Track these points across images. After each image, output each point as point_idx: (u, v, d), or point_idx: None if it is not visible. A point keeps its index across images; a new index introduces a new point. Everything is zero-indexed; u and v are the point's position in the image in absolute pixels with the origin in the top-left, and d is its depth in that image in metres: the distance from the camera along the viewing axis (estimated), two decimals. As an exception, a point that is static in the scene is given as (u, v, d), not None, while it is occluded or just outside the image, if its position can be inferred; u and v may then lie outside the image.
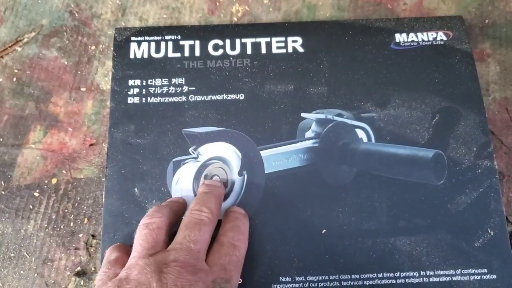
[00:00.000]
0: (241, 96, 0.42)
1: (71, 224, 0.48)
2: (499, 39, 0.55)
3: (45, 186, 0.50)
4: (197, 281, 0.29)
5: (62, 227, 0.48)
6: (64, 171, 0.50)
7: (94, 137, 0.51)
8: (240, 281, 0.35)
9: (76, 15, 0.56)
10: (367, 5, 0.56)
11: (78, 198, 0.49)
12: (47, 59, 0.55)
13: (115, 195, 0.39)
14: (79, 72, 0.54)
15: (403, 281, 0.37)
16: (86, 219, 0.48)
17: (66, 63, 0.54)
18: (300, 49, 0.44)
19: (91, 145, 0.51)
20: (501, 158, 0.50)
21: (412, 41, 0.44)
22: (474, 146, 0.41)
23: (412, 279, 0.38)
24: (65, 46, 0.55)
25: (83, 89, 0.53)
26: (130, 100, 0.42)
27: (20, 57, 0.55)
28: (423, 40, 0.44)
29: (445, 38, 0.44)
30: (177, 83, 0.43)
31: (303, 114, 0.42)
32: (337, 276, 0.38)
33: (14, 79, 0.54)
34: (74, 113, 0.52)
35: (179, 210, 0.37)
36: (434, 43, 0.44)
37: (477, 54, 0.54)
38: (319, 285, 0.37)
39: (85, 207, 0.49)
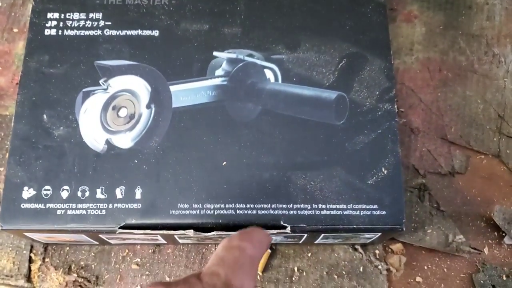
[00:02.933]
0: (156, 32, 0.43)
1: (-7, 158, 0.49)
2: (427, 2, 0.56)
3: (-30, 121, 0.50)
4: None
5: (-17, 161, 0.49)
6: (-10, 107, 0.51)
7: (22, 76, 0.51)
8: None
9: (13, -43, 0.57)
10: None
11: (2, 134, 0.50)
12: (-19, -1, 0.55)
13: (24, 120, 0.40)
14: (12, 14, 0.55)
15: (295, 212, 0.39)
16: (7, 154, 0.49)
17: (0, 4, 0.55)
18: (218, -9, 0.45)
19: (18, 83, 0.51)
20: (418, 115, 0.51)
21: (327, -11, 0.45)
22: (377, 90, 0.42)
23: (304, 211, 0.39)
24: (0, -13, 0.56)
25: (15, 30, 0.54)
26: (47, 32, 0.43)
27: (-46, -4, 0.55)
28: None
29: (360, -12, 0.45)
30: (94, 18, 0.43)
31: (215, 53, 0.43)
32: (233, 205, 0.39)
33: None
34: (5, 52, 0.53)
35: None
36: (350, -7, 0.45)
37: (405, 15, 0.55)
38: (215, 212, 0.39)
39: (8, 143, 0.50)
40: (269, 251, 0.46)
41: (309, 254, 0.47)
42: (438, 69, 0.53)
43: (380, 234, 0.41)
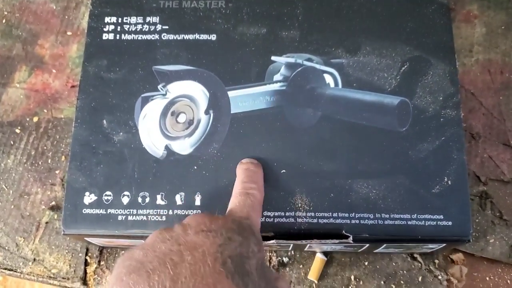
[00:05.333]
0: (213, 36, 0.43)
1: (49, 161, 0.50)
2: (487, 1, 0.54)
3: (27, 124, 0.51)
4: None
5: (40, 163, 0.50)
6: (45, 110, 0.52)
7: (76, 79, 0.52)
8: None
9: (67, -39, 0.57)
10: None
11: (57, 137, 0.51)
12: (36, 3, 0.56)
13: (84, 126, 0.40)
14: (66, 17, 0.55)
15: (357, 221, 0.38)
16: (63, 157, 0.50)
17: (54, 7, 0.56)
18: (276, -6, 0.44)
19: (72, 86, 0.52)
20: (478, 119, 0.50)
21: (389, -10, 0.44)
22: (441, 95, 0.40)
23: (366, 220, 0.38)
24: (54, -9, 0.56)
25: (69, 33, 0.55)
26: (105, 36, 0.43)
27: (10, 0, 0.56)
28: (400, -10, 0.44)
29: (422, -11, 0.44)
30: (151, 22, 0.43)
31: (273, 58, 0.42)
32: (293, 213, 0.38)
33: (4, 21, 0.55)
34: (59, 55, 0.54)
35: None
36: (411, -6, 0.44)
37: (464, 15, 0.53)
38: (275, 220, 0.38)
39: (63, 145, 0.50)
40: (325, 258, 0.45)
41: (366, 263, 0.45)
42: (499, 71, 0.51)
43: (444, 244, 0.39)
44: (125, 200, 0.39)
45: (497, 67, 0.51)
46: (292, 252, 0.46)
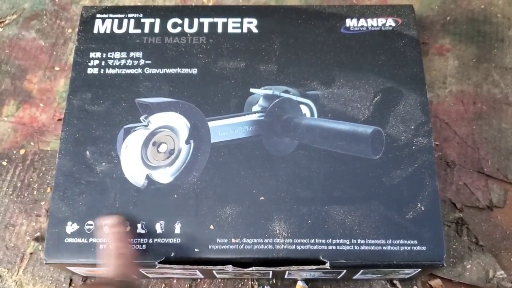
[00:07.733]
0: (194, 70, 0.44)
1: (35, 193, 0.51)
2: (459, 35, 0.57)
3: (13, 156, 0.52)
4: None
5: (26, 194, 0.50)
6: (32, 143, 0.53)
7: (63, 113, 0.53)
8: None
9: (57, 0, 0.60)
10: (333, -2, 0.58)
11: (44, 169, 0.52)
12: (25, 39, 0.58)
13: (68, 157, 0.42)
14: (54, 53, 0.57)
15: (334, 247, 0.39)
16: (49, 188, 0.51)
17: (43, 44, 0.58)
18: (255, 30, 0.46)
19: (59, 120, 0.53)
20: (453, 148, 0.51)
21: (362, 26, 0.46)
22: (413, 124, 0.42)
23: (343, 246, 0.39)
24: (43, 29, 0.58)
25: (57, 68, 0.56)
26: (90, 70, 0.45)
27: (0, 37, 0.58)
28: (372, 26, 0.46)
29: (393, 25, 0.46)
30: (134, 57, 0.45)
31: (252, 90, 0.44)
32: (271, 239, 0.39)
33: (-7, 57, 0.57)
34: (47, 90, 0.55)
35: None
36: (383, 29, 0.46)
37: (437, 49, 0.56)
38: (254, 248, 0.39)
39: (49, 177, 0.51)
40: (306, 286, 0.45)
41: (346, 290, 0.46)
42: (472, 102, 0.53)
43: (420, 269, 0.40)
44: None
45: (470, 97, 0.53)
46: (274, 280, 0.47)
